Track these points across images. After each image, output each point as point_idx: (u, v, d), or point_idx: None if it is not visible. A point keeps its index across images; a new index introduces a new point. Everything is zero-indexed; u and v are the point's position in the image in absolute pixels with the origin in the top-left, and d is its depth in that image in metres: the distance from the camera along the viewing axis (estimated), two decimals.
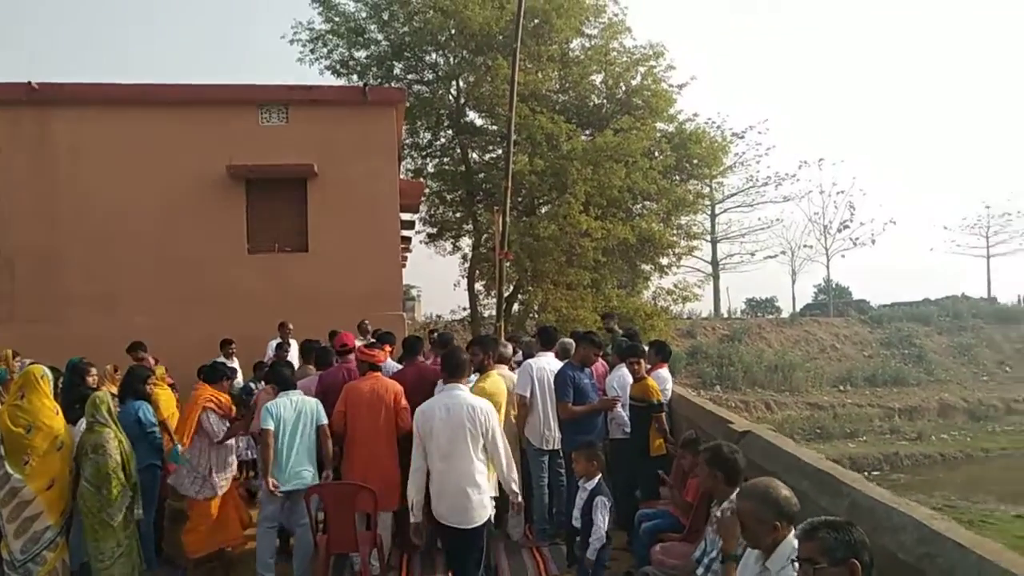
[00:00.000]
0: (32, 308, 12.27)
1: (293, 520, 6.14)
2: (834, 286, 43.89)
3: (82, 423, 6.05)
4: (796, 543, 2.63)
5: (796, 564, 2.54)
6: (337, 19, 20.70)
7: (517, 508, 5.14)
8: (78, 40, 68.64)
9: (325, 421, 6.15)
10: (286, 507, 6.09)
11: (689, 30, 69.93)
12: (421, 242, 23.50)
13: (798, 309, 41.68)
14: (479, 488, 4.52)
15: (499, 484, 4.93)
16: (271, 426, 5.92)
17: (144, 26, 72.16)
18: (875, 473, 21.97)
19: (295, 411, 6.07)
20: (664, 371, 7.25)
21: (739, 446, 4.43)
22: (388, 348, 7.82)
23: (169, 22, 73.53)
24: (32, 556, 5.47)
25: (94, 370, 7.14)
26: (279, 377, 6.37)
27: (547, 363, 7.03)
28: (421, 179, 20.86)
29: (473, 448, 4.52)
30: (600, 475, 5.21)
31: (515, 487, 4.76)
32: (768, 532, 2.99)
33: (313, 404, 6.20)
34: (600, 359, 7.39)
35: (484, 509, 4.54)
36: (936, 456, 25.10)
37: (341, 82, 20.43)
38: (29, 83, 12.56)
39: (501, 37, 19.10)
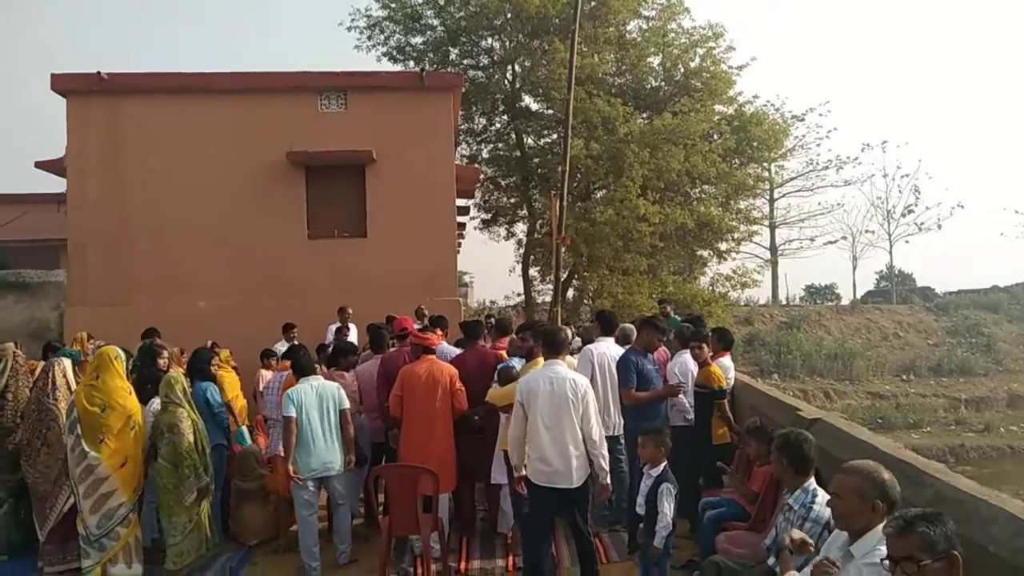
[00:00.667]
0: (103, 292, 12.65)
1: (331, 501, 6.31)
2: (897, 272, 42.47)
3: (154, 403, 6.23)
4: (884, 537, 2.52)
5: (890, 564, 2.41)
6: (394, 5, 20.77)
7: (603, 490, 5.30)
8: (142, 33, 70.55)
9: (347, 405, 6.22)
10: (318, 492, 6.20)
11: (749, 10, 68.24)
12: (475, 228, 23.57)
13: (859, 296, 40.47)
14: (580, 452, 5.02)
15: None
16: (293, 413, 5.96)
17: (207, 19, 73.72)
18: (939, 464, 21.29)
19: (317, 396, 6.12)
20: (727, 359, 7.11)
21: (809, 434, 4.31)
22: (440, 332, 7.85)
23: (231, 13, 74.97)
24: (107, 531, 5.67)
25: (165, 352, 7.35)
26: (298, 363, 6.40)
27: (607, 348, 6.96)
28: (476, 165, 20.86)
29: (575, 417, 5.01)
30: (666, 462, 5.14)
31: (604, 463, 5.08)
32: (865, 513, 2.88)
33: (334, 388, 6.24)
34: (661, 345, 7.29)
35: (584, 470, 5.07)
36: (1005, 448, 24.21)
37: (398, 68, 20.54)
38: (99, 73, 12.89)
39: (557, 20, 18.91)
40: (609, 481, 5.25)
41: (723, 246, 21.10)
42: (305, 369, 6.31)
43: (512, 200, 22.62)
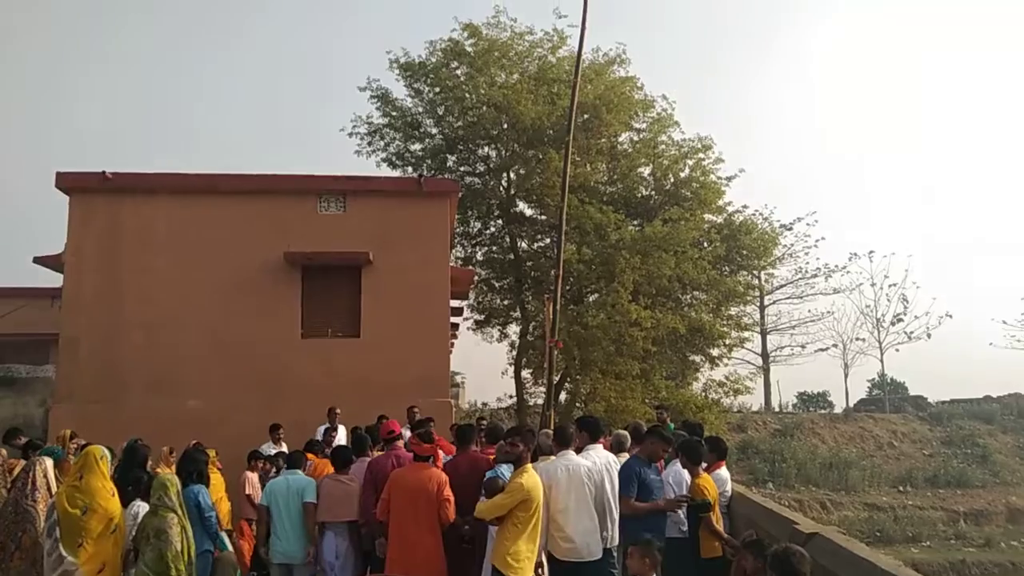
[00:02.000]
0: (91, 388, 12.53)
1: None
2: (889, 381, 42.40)
3: (135, 505, 6.06)
4: None
5: None
6: (394, 114, 21.52)
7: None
8: (147, 127, 72.59)
9: (310, 498, 6.77)
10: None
11: (736, 124, 70.93)
12: (468, 328, 23.61)
13: (852, 404, 40.25)
14: (596, 529, 5.87)
15: None
16: (266, 503, 6.87)
17: (214, 116, 76.07)
18: None
19: (287, 488, 6.83)
20: (723, 470, 7.01)
21: (806, 549, 4.21)
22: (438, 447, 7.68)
23: (237, 114, 77.44)
24: None
25: (151, 452, 7.22)
26: (288, 457, 7.34)
27: (589, 457, 6.75)
28: (471, 267, 21.12)
29: (590, 499, 5.85)
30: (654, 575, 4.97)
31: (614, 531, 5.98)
32: None
33: (303, 482, 6.89)
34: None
35: (601, 544, 5.92)
36: (1007, 564, 23.49)
37: (397, 173, 21.08)
38: (103, 172, 13.19)
39: (552, 131, 19.59)
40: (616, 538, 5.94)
41: (715, 352, 21.16)
42: (293, 463, 7.08)
43: (505, 302, 22.78)
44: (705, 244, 20.19)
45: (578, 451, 6.35)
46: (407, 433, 8.84)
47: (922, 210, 66.51)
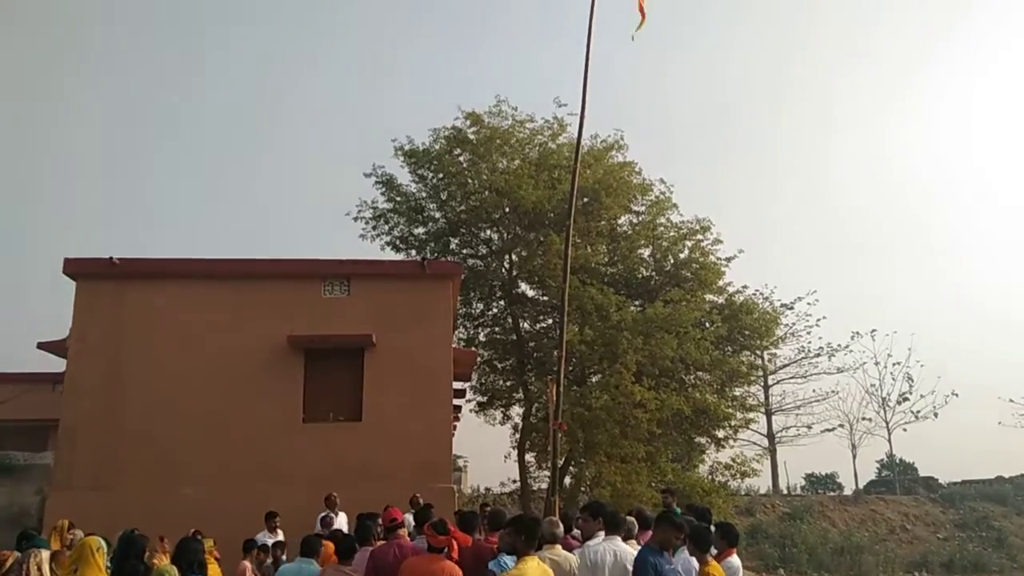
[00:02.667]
0: (89, 476, 12.37)
1: None
2: (898, 461, 41.72)
3: None
4: None
5: None
6: (399, 199, 21.94)
7: None
8: (154, 214, 73.74)
9: None
10: None
11: (733, 206, 72.10)
12: (471, 411, 23.39)
13: (861, 486, 39.47)
14: None
15: None
16: None
17: (222, 203, 77.46)
18: None
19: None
20: (734, 558, 6.80)
21: None
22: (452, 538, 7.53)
23: (242, 199, 78.83)
24: None
25: (148, 543, 7.06)
26: (304, 543, 7.20)
27: (612, 545, 6.65)
28: (473, 348, 21.10)
29: None
30: None
31: None
32: None
33: (312, 570, 6.85)
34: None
35: None
36: None
37: (400, 256, 21.32)
38: (111, 258, 13.37)
39: (553, 215, 19.91)
40: None
41: (720, 433, 20.91)
42: (308, 551, 7.02)
43: (508, 383, 22.65)
44: (707, 324, 20.22)
45: (588, 538, 6.27)
46: (410, 519, 8.67)
47: (923, 290, 66.79)
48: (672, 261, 21.69)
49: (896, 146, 74.58)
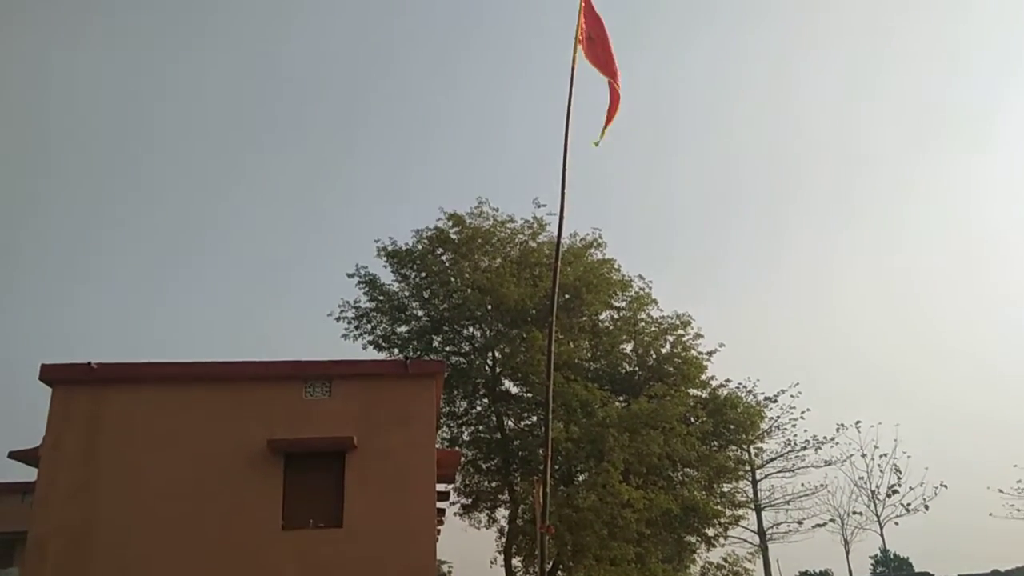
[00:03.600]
0: None
1: None
2: (893, 557, 40.87)
3: None
4: None
5: None
6: (381, 298, 22.06)
7: None
8: (130, 320, 73.25)
9: None
10: None
11: (710, 300, 73.02)
12: (455, 514, 22.82)
13: None
14: None
15: None
16: None
17: (196, 304, 77.21)
18: None
19: None
20: None
21: None
22: None
23: (221, 300, 78.73)
24: None
25: None
26: None
27: None
28: (457, 448, 20.79)
29: None
30: None
31: None
32: None
33: None
34: None
35: None
36: None
37: (383, 355, 21.23)
38: (89, 363, 13.16)
39: (535, 311, 20.08)
40: None
41: (711, 531, 20.52)
42: None
43: (493, 484, 22.22)
44: (692, 419, 20.16)
45: None
46: None
47: (905, 375, 67.09)
48: (654, 356, 21.81)
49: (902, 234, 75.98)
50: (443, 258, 21.94)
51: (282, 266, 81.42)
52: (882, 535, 38.48)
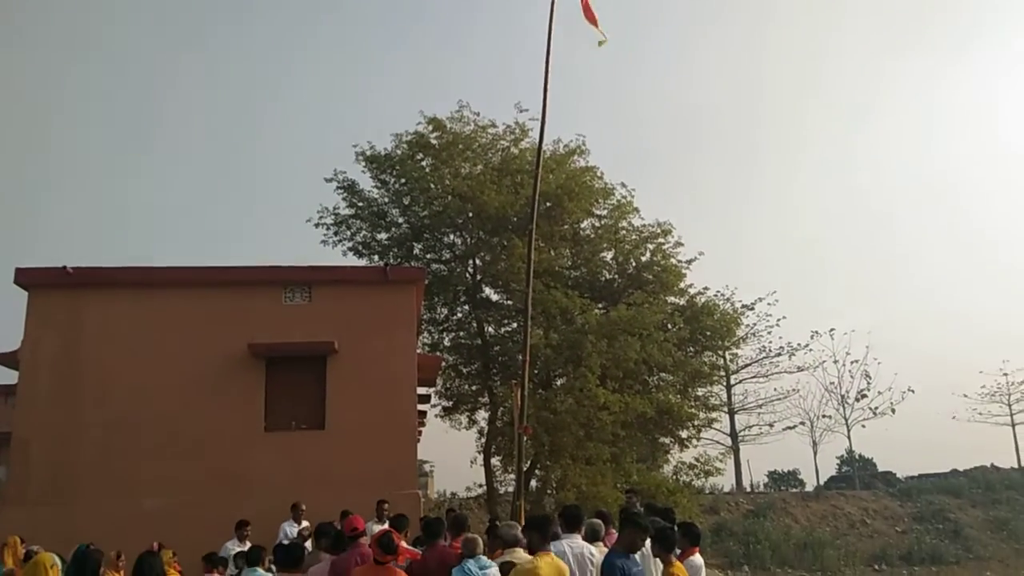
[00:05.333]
0: (44, 491, 12.09)
1: None
2: (858, 457, 42.63)
3: None
4: None
5: None
6: (360, 204, 21.80)
7: None
8: (108, 222, 72.32)
9: None
10: None
11: (695, 208, 73.12)
12: (436, 416, 23.33)
13: (823, 482, 40.24)
14: None
15: None
16: None
17: (174, 208, 76.15)
18: None
19: None
20: (696, 557, 6.88)
21: None
22: (401, 542, 7.52)
23: (199, 203, 77.65)
24: None
25: (103, 557, 6.94)
26: (248, 555, 7.48)
27: (583, 547, 6.70)
28: (438, 353, 21.05)
29: None
30: None
31: None
32: None
33: None
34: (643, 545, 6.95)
35: None
36: None
37: (363, 262, 21.17)
38: (64, 267, 13.07)
39: (516, 219, 19.97)
40: None
41: (684, 433, 21.13)
42: (252, 561, 7.17)
43: (473, 388, 22.63)
44: (669, 326, 20.45)
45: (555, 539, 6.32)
46: (376, 528, 8.63)
47: (881, 285, 68.28)
48: (634, 264, 21.90)
49: (863, 154, 76.16)
50: (423, 164, 21.60)
51: (257, 169, 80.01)
52: (849, 437, 40.07)
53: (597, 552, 6.81)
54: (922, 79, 78.10)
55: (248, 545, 10.22)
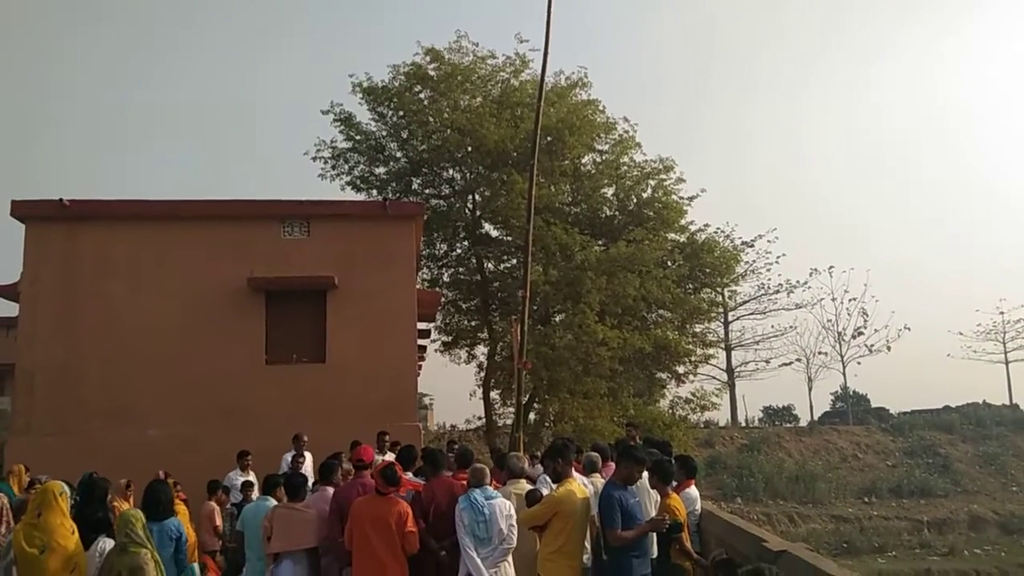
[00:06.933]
0: (49, 421, 12.23)
1: None
2: (852, 393, 43.19)
3: (101, 541, 5.88)
4: None
5: None
6: (358, 137, 21.46)
7: None
8: (105, 156, 71.50)
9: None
10: None
11: (698, 142, 72.21)
12: (436, 351, 23.51)
13: (816, 417, 40.91)
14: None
15: None
16: (241, 528, 7.26)
17: (171, 142, 75.17)
18: None
19: (255, 515, 7.06)
20: (692, 489, 7.03)
21: (776, 567, 4.26)
22: (405, 474, 7.64)
23: (196, 138, 76.68)
24: None
25: (111, 486, 7.05)
26: (265, 482, 7.53)
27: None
28: (437, 288, 21.07)
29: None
30: None
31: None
32: None
33: (268, 507, 6.98)
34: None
35: None
36: (971, 573, 23.96)
37: (361, 197, 20.99)
38: (60, 200, 12.94)
39: (516, 154, 19.71)
40: None
41: (681, 369, 21.34)
42: (267, 489, 7.19)
43: (473, 323, 22.75)
44: (669, 263, 20.42)
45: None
46: (381, 459, 8.76)
47: (880, 223, 68.08)
48: (635, 200, 21.70)
49: (868, 91, 74.85)
50: (421, 96, 21.18)
51: (257, 103, 78.72)
52: (844, 374, 40.58)
53: (593, 484, 6.93)
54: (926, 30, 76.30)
55: (251, 475, 10.44)
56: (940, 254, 64.56)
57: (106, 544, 5.80)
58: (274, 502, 7.10)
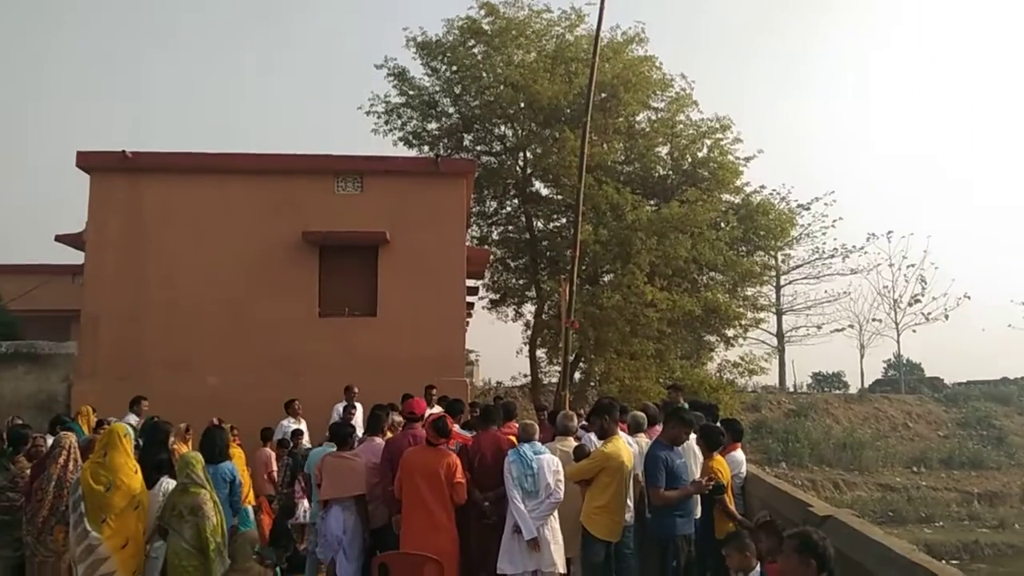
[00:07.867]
0: (112, 366, 12.72)
1: None
2: (905, 362, 42.20)
3: (164, 482, 6.17)
4: None
5: None
6: (411, 92, 21.43)
7: None
8: (162, 111, 72.77)
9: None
10: None
11: (756, 102, 70.21)
12: (484, 308, 23.69)
13: (867, 385, 40.14)
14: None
15: None
16: (309, 471, 7.64)
17: (231, 98, 76.11)
18: (953, 562, 20.65)
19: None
20: (738, 452, 7.03)
21: (822, 531, 4.25)
22: (455, 426, 7.81)
23: (251, 93, 77.44)
24: None
25: (172, 429, 7.35)
26: (332, 429, 7.66)
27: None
28: (486, 246, 21.12)
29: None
30: (758, 565, 4.87)
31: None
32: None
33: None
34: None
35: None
36: (1020, 546, 23.57)
37: (412, 153, 21.03)
38: (123, 152, 13.28)
39: (569, 111, 19.47)
40: None
41: (730, 332, 21.09)
42: (340, 441, 7.18)
43: (521, 282, 22.78)
44: (722, 225, 20.07)
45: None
46: (430, 412, 8.94)
47: (943, 191, 65.73)
48: (690, 160, 21.28)
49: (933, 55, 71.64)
50: (475, 51, 20.98)
51: (310, 56, 79.02)
52: (898, 342, 39.63)
53: (638, 444, 6.99)
54: None
55: (302, 423, 10.78)
56: (1004, 223, 62.08)
57: (168, 484, 6.09)
58: (329, 448, 7.33)
